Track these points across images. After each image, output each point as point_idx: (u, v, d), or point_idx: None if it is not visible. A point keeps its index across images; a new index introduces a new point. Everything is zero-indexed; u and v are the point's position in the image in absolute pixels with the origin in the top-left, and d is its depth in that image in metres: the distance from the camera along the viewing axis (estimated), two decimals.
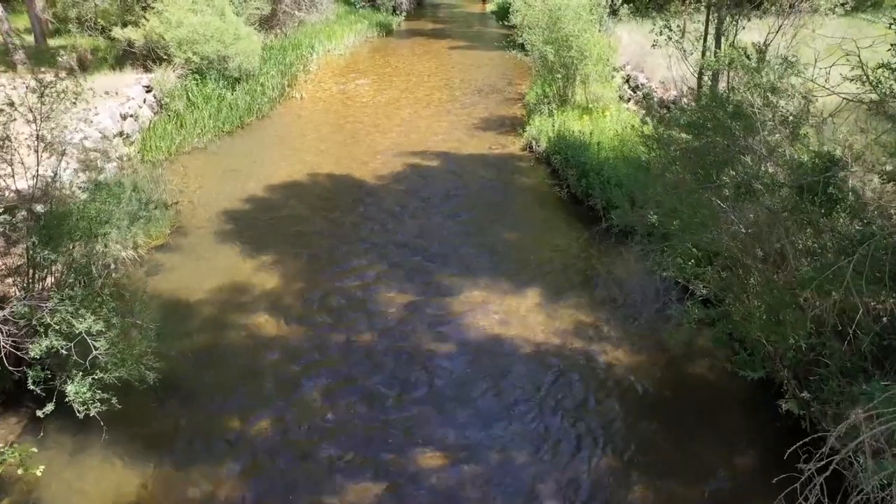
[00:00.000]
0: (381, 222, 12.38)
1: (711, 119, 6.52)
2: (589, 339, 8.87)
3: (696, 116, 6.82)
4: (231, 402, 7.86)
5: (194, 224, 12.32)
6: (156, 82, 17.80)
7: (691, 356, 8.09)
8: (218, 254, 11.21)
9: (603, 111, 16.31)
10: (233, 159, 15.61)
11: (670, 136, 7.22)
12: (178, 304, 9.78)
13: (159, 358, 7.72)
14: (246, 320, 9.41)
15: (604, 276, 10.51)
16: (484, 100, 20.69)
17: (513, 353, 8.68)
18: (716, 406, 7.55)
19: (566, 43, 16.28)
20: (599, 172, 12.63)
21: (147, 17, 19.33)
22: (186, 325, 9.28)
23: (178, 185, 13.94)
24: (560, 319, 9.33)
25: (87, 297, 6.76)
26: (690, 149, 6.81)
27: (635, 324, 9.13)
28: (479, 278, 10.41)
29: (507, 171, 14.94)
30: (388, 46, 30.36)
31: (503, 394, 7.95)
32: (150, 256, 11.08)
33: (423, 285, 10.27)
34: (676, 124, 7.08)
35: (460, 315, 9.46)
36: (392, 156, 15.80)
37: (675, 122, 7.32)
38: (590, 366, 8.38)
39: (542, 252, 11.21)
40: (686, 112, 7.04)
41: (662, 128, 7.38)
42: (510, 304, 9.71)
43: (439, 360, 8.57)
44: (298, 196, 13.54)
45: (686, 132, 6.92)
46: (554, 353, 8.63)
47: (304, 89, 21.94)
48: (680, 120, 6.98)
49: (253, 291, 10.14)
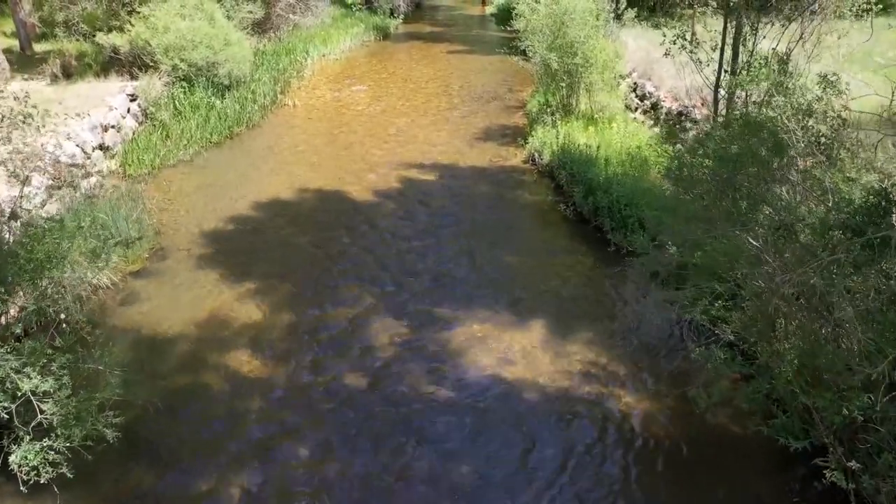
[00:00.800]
0: (374, 245, 11.56)
1: (743, 147, 5.72)
2: (600, 383, 8.07)
3: (724, 143, 6.01)
4: (202, 462, 7.03)
5: (175, 246, 11.51)
6: (141, 90, 16.98)
7: (715, 406, 7.27)
8: (198, 280, 10.40)
9: (609, 122, 15.51)
10: (220, 173, 14.80)
11: (694, 163, 6.42)
12: (152, 339, 8.97)
13: (124, 409, 6.93)
14: (225, 359, 8.60)
15: (614, 307, 9.72)
16: (484, 107, 19.88)
17: (516, 399, 7.86)
18: (747, 470, 6.72)
19: (571, 49, 15.49)
20: (607, 190, 11.83)
21: (132, 22, 18.51)
22: (159, 364, 8.47)
23: (160, 202, 13.19)
24: (568, 358, 8.52)
25: (35, 350, 5.95)
26: (718, 179, 6.02)
27: (652, 364, 8.33)
28: (479, 309, 9.60)
29: (509, 186, 14.13)
30: (385, 51, 29.55)
31: (504, 454, 7.14)
32: (126, 284, 10.27)
33: (418, 317, 9.46)
34: (701, 151, 6.28)
35: (458, 353, 8.65)
36: (387, 169, 14.99)
37: (700, 146, 6.52)
38: (603, 416, 7.56)
39: (546, 279, 10.40)
40: (713, 138, 6.23)
41: (687, 154, 6.57)
42: (513, 340, 8.91)
43: (435, 414, 7.66)
44: (287, 215, 12.73)
45: (712, 160, 6.13)
46: (562, 400, 7.82)
47: (298, 96, 21.13)
48: (707, 146, 6.18)
49: (234, 324, 9.34)
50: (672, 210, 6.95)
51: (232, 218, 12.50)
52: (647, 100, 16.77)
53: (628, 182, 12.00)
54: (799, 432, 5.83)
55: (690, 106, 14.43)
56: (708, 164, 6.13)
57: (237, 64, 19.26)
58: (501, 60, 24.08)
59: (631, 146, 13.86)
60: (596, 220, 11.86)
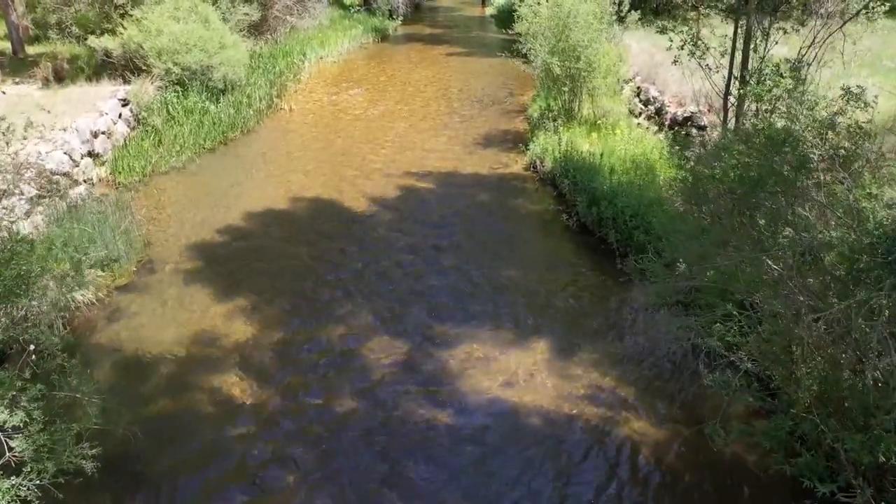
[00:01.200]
0: (371, 258, 11.14)
1: (765, 163, 5.31)
2: (608, 408, 7.65)
3: (744, 157, 5.60)
4: (184, 493, 6.63)
5: (164, 258, 11.10)
6: (133, 95, 16.56)
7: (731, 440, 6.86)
8: (186, 296, 9.99)
9: (612, 127, 15.11)
10: (212, 181, 14.39)
11: (710, 178, 6.00)
12: (136, 360, 8.56)
13: (103, 438, 6.52)
14: (212, 382, 8.19)
15: (621, 324, 9.31)
16: (484, 112, 19.48)
17: (520, 427, 7.44)
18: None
19: (573, 53, 15.09)
20: (612, 200, 11.42)
21: (125, 24, 18.09)
22: (142, 387, 8.06)
23: (150, 212, 12.79)
24: (573, 381, 8.11)
25: (3, 382, 5.54)
26: (737, 196, 5.61)
27: (662, 388, 7.92)
28: (480, 327, 9.19)
29: (510, 194, 13.71)
30: (383, 53, 29.16)
31: (507, 491, 6.72)
32: (111, 299, 9.87)
33: (415, 336, 9.05)
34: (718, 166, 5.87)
35: (458, 376, 8.24)
36: (384, 177, 14.58)
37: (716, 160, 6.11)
38: (612, 446, 7.15)
39: (549, 294, 9.99)
40: (731, 152, 5.80)
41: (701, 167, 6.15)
42: (515, 361, 8.49)
43: (433, 445, 7.23)
44: (280, 225, 12.32)
45: (730, 176, 5.72)
46: (568, 428, 7.41)
47: (294, 100, 20.72)
48: (725, 161, 5.76)
49: (223, 343, 8.93)
50: (684, 230, 6.52)
51: (224, 228, 12.09)
52: (652, 104, 16.37)
53: (634, 191, 11.60)
54: (824, 471, 5.42)
55: (696, 112, 14.02)
56: (726, 180, 5.72)
57: (232, 67, 18.86)
58: (502, 63, 23.55)
59: (636, 153, 13.47)
60: (600, 231, 11.46)
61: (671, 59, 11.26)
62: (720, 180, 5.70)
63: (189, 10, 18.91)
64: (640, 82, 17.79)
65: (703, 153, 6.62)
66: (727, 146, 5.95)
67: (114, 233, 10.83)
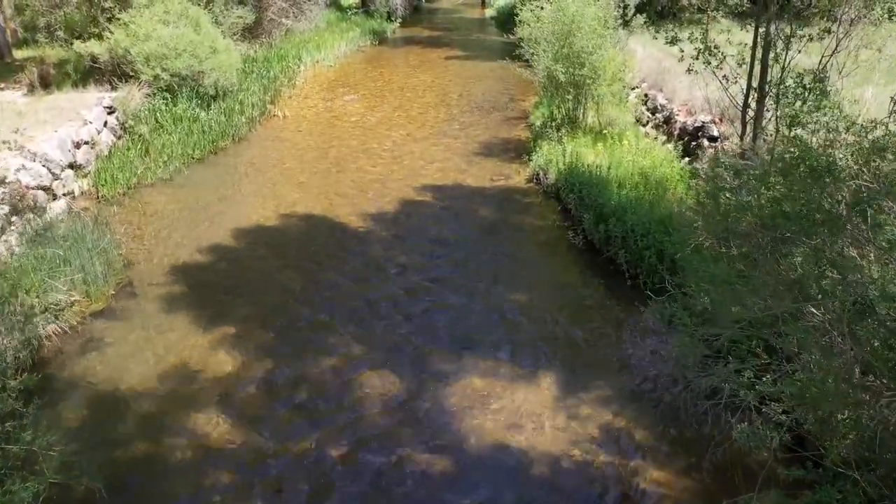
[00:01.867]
0: (364, 282, 10.43)
1: (807, 199, 4.64)
2: (623, 454, 6.98)
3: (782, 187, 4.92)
4: None
5: (145, 280, 10.43)
6: (119, 102, 15.88)
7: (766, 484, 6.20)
8: (167, 324, 9.31)
9: (619, 137, 14.43)
10: (200, 194, 13.70)
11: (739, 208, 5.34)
12: (109, 398, 7.88)
13: (63, 496, 5.87)
14: (191, 422, 7.51)
15: (633, 355, 8.62)
16: (484, 119, 18.82)
17: (526, 477, 6.77)
18: None
19: (578, 60, 14.42)
20: (621, 217, 10.75)
21: (112, 29, 17.41)
22: (113, 431, 7.38)
23: (133, 228, 12.13)
24: (583, 421, 7.44)
25: None
26: (773, 235, 4.95)
27: (681, 430, 7.24)
28: (480, 360, 8.51)
29: (512, 209, 13.03)
30: (381, 56, 28.50)
31: None
32: (85, 327, 9.19)
33: (411, 370, 8.36)
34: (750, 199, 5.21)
35: (457, 416, 7.56)
36: (381, 190, 13.91)
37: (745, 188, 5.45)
38: (628, 499, 6.49)
39: (555, 321, 9.31)
40: (767, 184, 5.13)
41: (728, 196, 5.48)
42: (519, 398, 7.81)
43: (429, 498, 6.61)
44: (269, 244, 11.63)
45: (765, 211, 5.05)
46: (579, 477, 6.74)
47: (288, 106, 20.06)
48: (759, 194, 5.09)
49: (204, 378, 8.25)
50: (716, 273, 5.80)
51: (210, 247, 11.41)
52: (659, 113, 15.70)
53: (643, 208, 10.93)
54: None
55: (708, 121, 13.36)
56: (762, 214, 5.06)
57: (224, 73, 18.21)
58: (502, 67, 22.90)
59: (644, 165, 12.80)
60: (608, 250, 10.78)
61: (679, 64, 10.58)
62: (757, 214, 5.04)
63: (179, 13, 18.24)
64: (646, 89, 17.13)
65: (731, 179, 5.93)
66: (762, 177, 5.29)
67: (91, 253, 10.15)
